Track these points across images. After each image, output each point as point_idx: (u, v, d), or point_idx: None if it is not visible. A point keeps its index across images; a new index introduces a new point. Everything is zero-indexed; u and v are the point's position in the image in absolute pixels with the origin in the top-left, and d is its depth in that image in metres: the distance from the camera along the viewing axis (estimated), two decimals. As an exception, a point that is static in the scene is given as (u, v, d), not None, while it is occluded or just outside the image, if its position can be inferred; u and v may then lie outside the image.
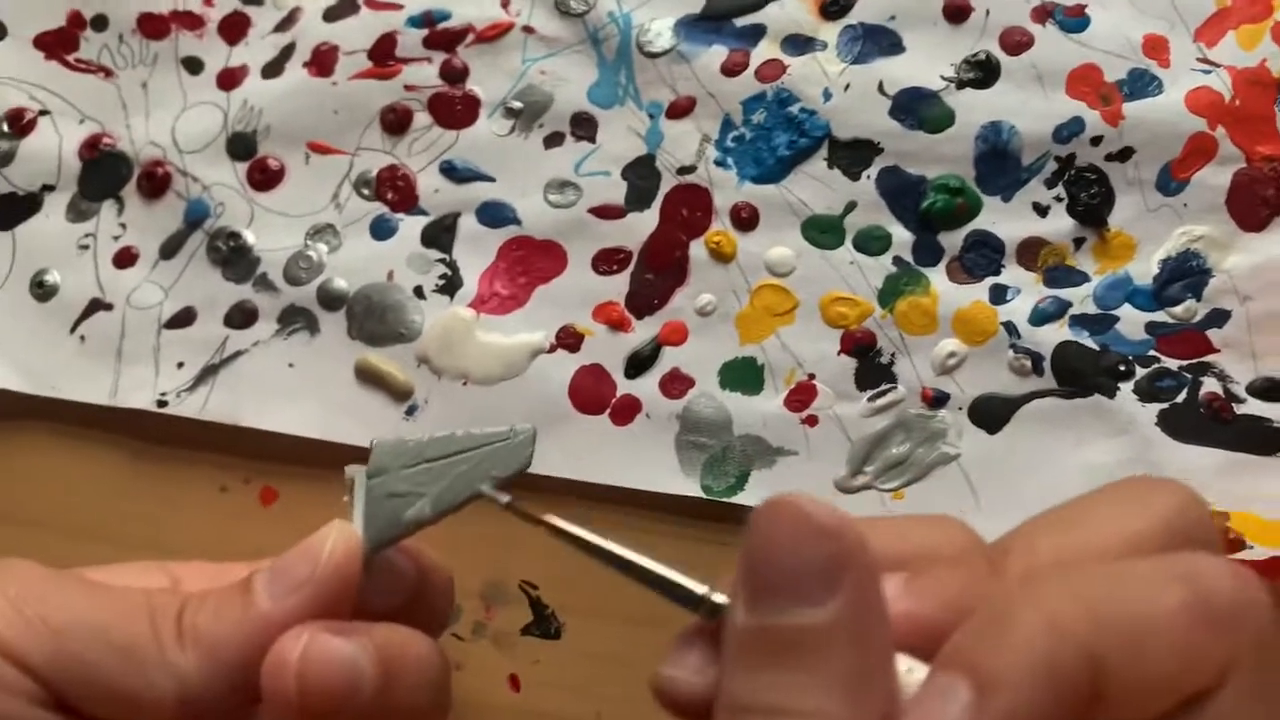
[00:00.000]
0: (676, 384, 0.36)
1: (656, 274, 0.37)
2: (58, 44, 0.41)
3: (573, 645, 0.35)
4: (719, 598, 0.21)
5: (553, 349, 0.37)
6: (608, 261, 0.37)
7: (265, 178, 0.39)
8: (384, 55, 0.39)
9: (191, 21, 0.41)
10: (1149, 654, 0.19)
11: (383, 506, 0.28)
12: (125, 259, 0.39)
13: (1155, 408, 0.34)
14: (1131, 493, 0.22)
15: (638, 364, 0.37)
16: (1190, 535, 0.21)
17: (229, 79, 0.40)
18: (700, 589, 0.22)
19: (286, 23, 0.40)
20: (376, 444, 0.28)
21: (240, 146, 0.39)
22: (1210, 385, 0.34)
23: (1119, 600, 0.19)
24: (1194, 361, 0.35)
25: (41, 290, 0.39)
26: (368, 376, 0.37)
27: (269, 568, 0.28)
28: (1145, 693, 0.19)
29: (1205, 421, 0.34)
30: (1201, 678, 0.19)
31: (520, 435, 0.28)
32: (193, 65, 0.40)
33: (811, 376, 0.36)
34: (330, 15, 0.40)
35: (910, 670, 0.20)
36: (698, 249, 0.37)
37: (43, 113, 0.41)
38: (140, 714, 0.27)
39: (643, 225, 0.37)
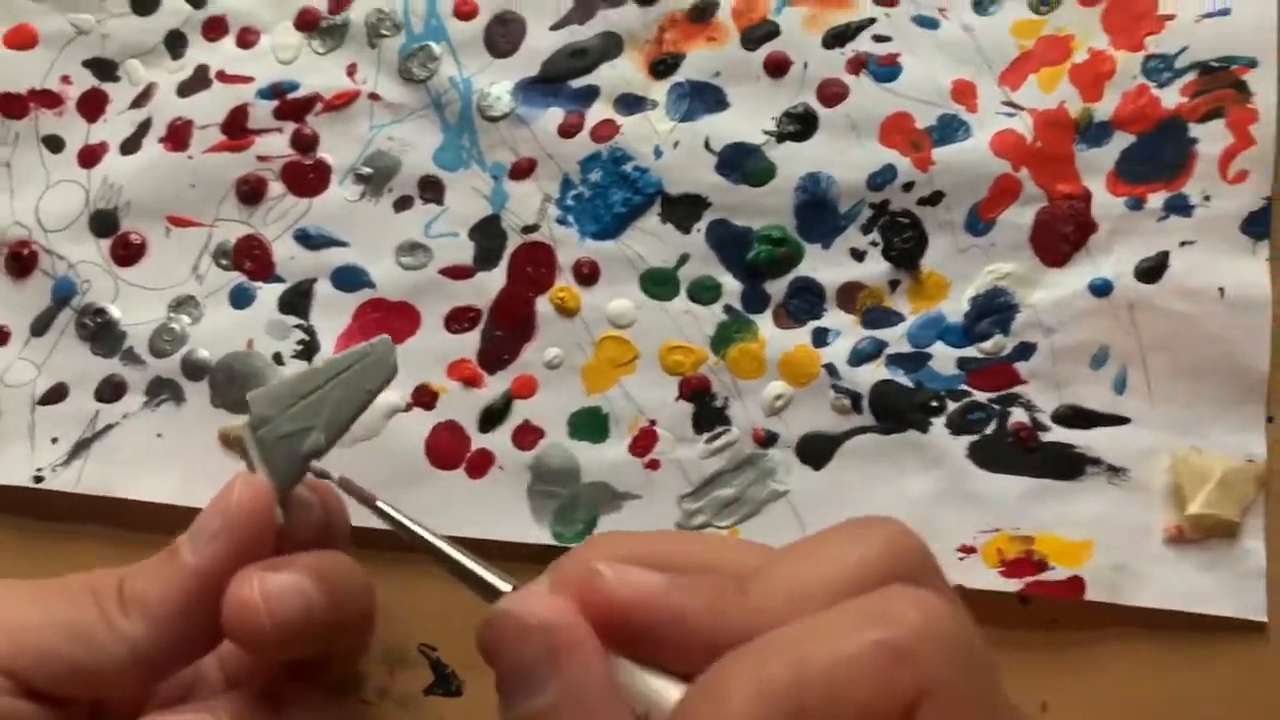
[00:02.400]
0: (528, 435, 0.38)
1: (506, 330, 0.39)
2: (-80, 127, 0.42)
3: (475, 700, 0.37)
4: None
5: (409, 408, 0.39)
6: (459, 320, 0.39)
7: (128, 253, 0.41)
8: (237, 127, 0.41)
9: (50, 100, 0.42)
10: (846, 697, 0.22)
11: (278, 449, 0.30)
12: (-3, 338, 0.41)
13: (966, 440, 0.37)
14: (853, 530, 0.25)
15: (490, 418, 0.39)
16: (899, 565, 0.24)
17: (89, 156, 0.41)
18: (504, 585, 0.26)
19: (142, 98, 0.41)
20: (251, 397, 0.31)
21: (102, 223, 0.41)
22: (1018, 415, 0.37)
23: (819, 653, 0.22)
24: (1002, 393, 0.37)
25: (-83, 373, 0.40)
26: (230, 444, 0.39)
27: (189, 528, 0.30)
28: None
29: (1013, 450, 0.37)
30: (894, 708, 0.22)
31: (379, 348, 0.31)
32: (53, 144, 0.42)
33: (653, 423, 0.38)
34: (183, 90, 0.41)
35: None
36: (544, 304, 0.39)
37: (-91, 196, 0.42)
38: (103, 682, 0.30)
39: (491, 283, 0.39)
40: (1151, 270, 0.37)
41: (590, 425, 0.38)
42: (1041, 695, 0.35)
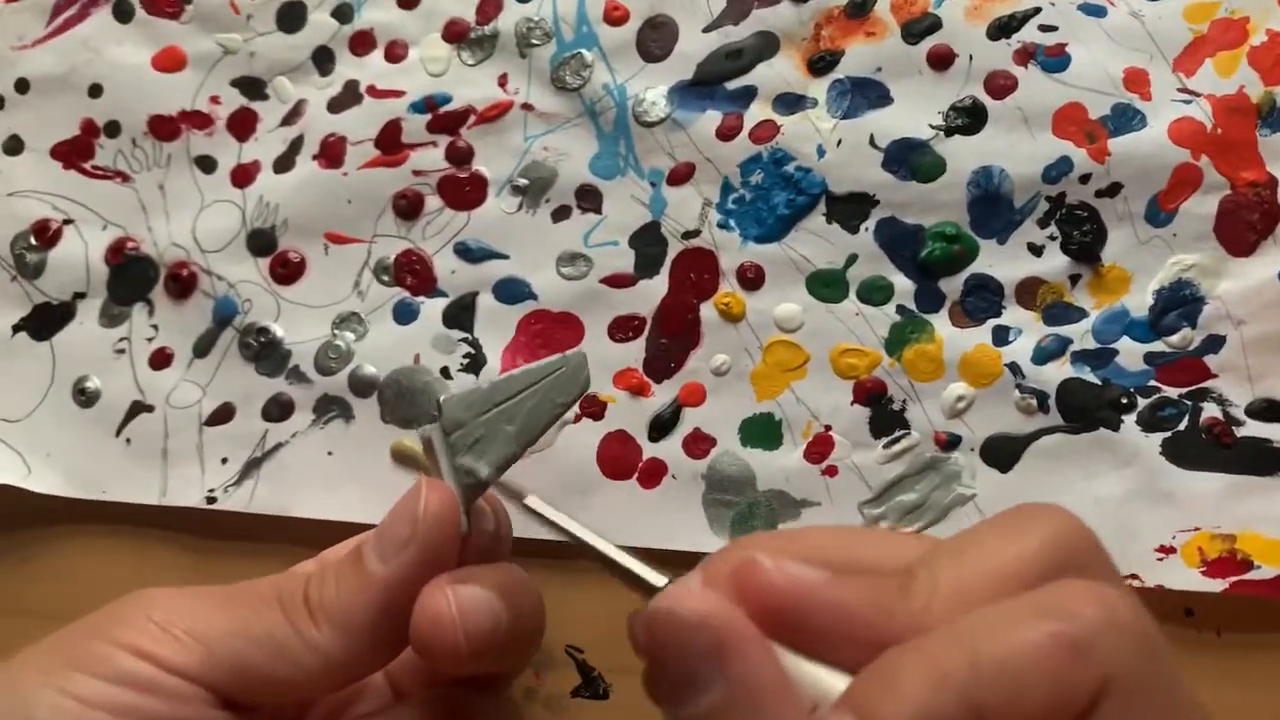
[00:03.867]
0: (699, 444, 0.38)
1: (671, 338, 0.39)
2: (74, 153, 0.42)
3: (621, 704, 0.37)
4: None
5: (578, 419, 0.39)
6: (623, 329, 0.39)
7: (287, 271, 0.41)
8: (390, 142, 0.41)
9: (200, 121, 0.42)
10: (1024, 690, 0.21)
11: (467, 456, 0.30)
12: (161, 360, 0.41)
13: (1159, 437, 0.36)
14: (1016, 522, 0.24)
15: (660, 427, 0.38)
16: (1069, 557, 0.23)
17: (243, 175, 0.41)
18: (659, 581, 0.25)
19: (293, 116, 0.41)
20: (445, 401, 0.30)
21: (260, 242, 0.41)
22: (1210, 410, 0.36)
23: (993, 646, 0.21)
24: (1193, 389, 0.36)
25: (84, 397, 0.41)
26: (403, 459, 0.39)
27: (374, 533, 0.30)
28: None
29: (1207, 447, 0.36)
30: (1077, 702, 0.21)
31: (573, 361, 0.31)
32: (206, 164, 0.42)
33: (828, 428, 0.38)
34: (334, 106, 0.41)
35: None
36: (708, 311, 0.39)
37: (66, 222, 0.42)
38: (292, 691, 0.29)
39: (653, 291, 0.39)
40: (1345, 256, 0.36)
41: (763, 432, 0.38)
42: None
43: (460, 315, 0.40)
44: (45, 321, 0.42)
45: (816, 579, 0.23)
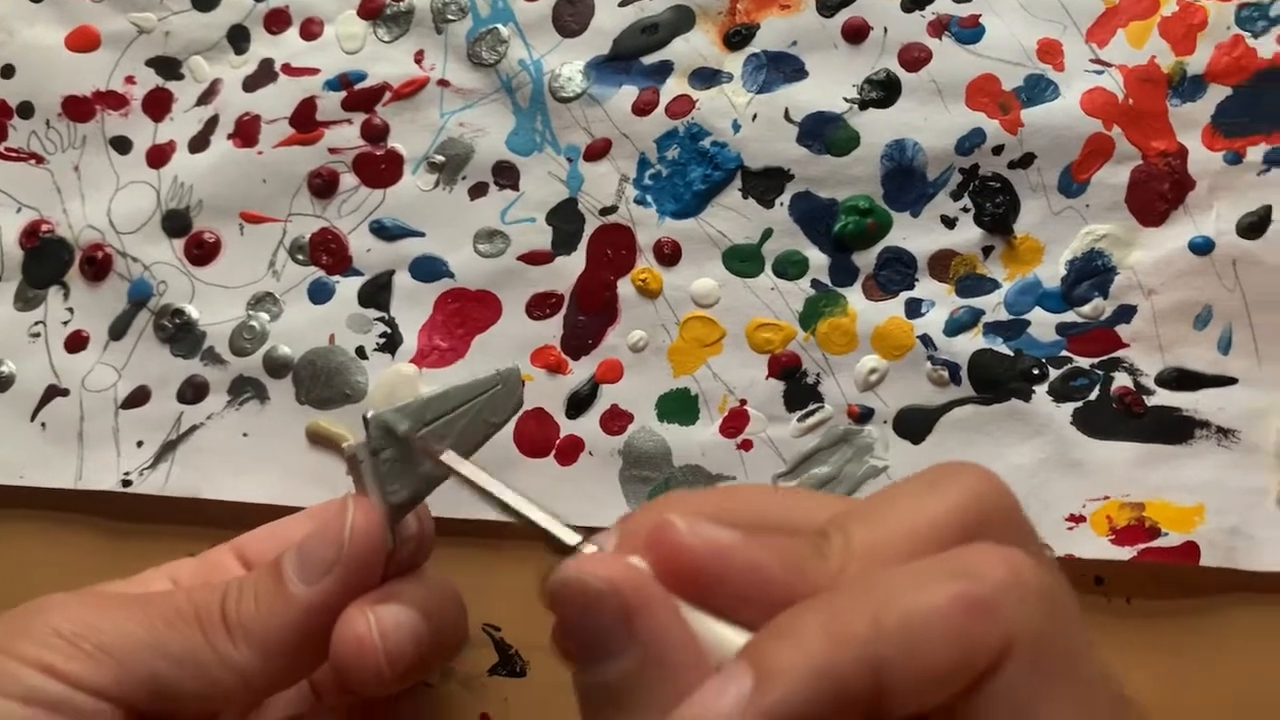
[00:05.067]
0: (616, 420, 0.38)
1: (588, 315, 0.39)
2: (-13, 135, 0.42)
3: (539, 681, 0.37)
4: (589, 548, 0.24)
5: (494, 397, 0.38)
6: (540, 306, 0.39)
7: (202, 252, 0.40)
8: (305, 121, 0.40)
9: (115, 101, 0.41)
10: (925, 649, 0.21)
11: (392, 473, 0.28)
12: (76, 343, 0.40)
13: (1070, 407, 0.36)
14: (933, 481, 0.24)
15: (577, 404, 0.38)
16: (984, 517, 0.23)
17: (158, 156, 0.41)
18: (573, 539, 0.25)
19: (208, 95, 0.41)
20: (372, 418, 0.28)
21: (175, 223, 0.41)
22: (1121, 380, 0.36)
23: (896, 604, 0.21)
24: (1104, 358, 0.36)
25: (-2, 381, 0.40)
26: (319, 440, 0.38)
27: (295, 551, 0.29)
28: (928, 683, 0.21)
29: (1118, 416, 0.36)
30: (980, 661, 0.21)
31: (509, 381, 0.30)
32: (121, 145, 0.41)
33: (743, 402, 0.37)
34: (249, 85, 0.41)
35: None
36: (625, 287, 0.38)
37: (-20, 204, 0.42)
38: (208, 708, 0.29)
39: (571, 268, 0.39)
40: (1254, 225, 0.36)
41: (679, 407, 0.38)
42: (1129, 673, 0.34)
43: (376, 294, 0.39)
44: (-41, 305, 0.41)
45: (730, 539, 0.23)
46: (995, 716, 0.21)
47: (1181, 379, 0.36)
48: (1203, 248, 0.36)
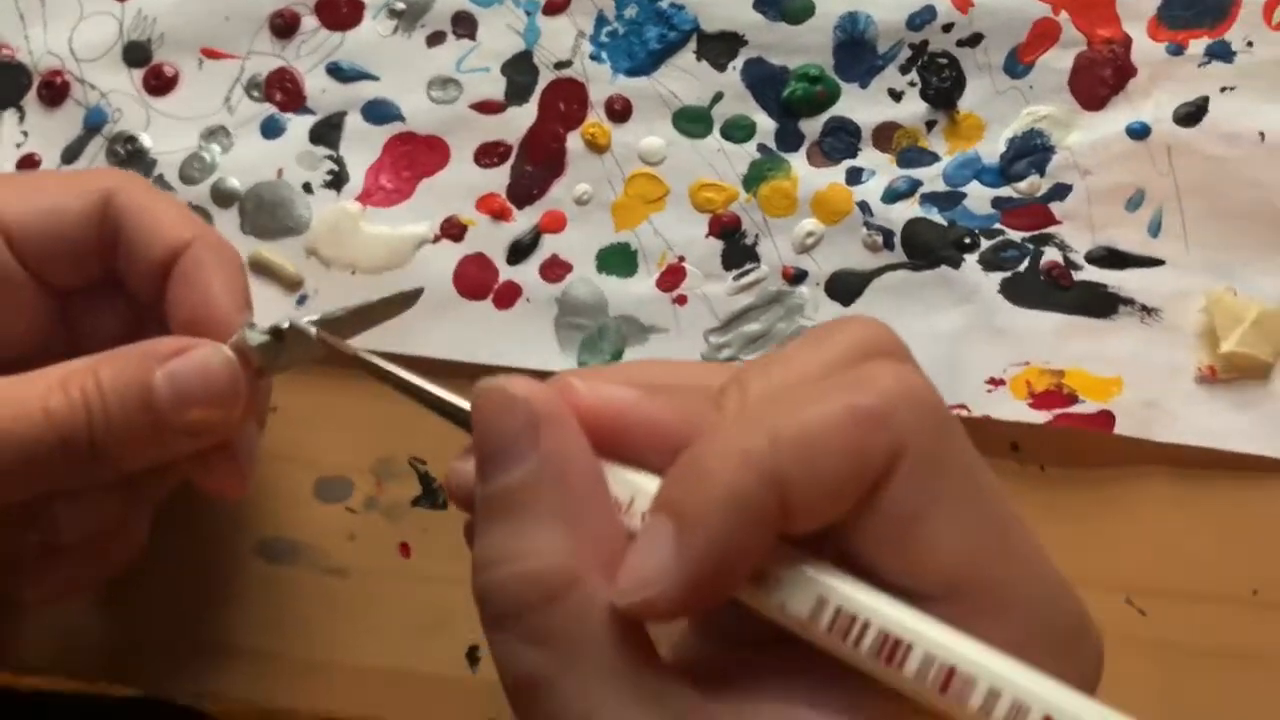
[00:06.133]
0: (555, 269, 0.38)
1: (535, 166, 0.39)
2: (-46, -42, 0.42)
3: (459, 514, 0.37)
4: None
5: (437, 239, 0.39)
6: (489, 155, 0.39)
7: (160, 83, 0.41)
8: (271, -38, 0.41)
9: (85, -67, 0.42)
10: (823, 459, 0.21)
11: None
12: (28, 165, 0.40)
13: (998, 276, 0.36)
14: (823, 334, 0.25)
15: (519, 251, 0.39)
16: (871, 355, 0.24)
17: (123, -12, 0.41)
18: (465, 405, 0.25)
19: (177, -68, 0.41)
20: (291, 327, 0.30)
21: (136, 54, 0.41)
22: (1051, 254, 0.37)
23: (793, 422, 0.22)
24: (1036, 233, 0.37)
25: (-54, 197, 0.40)
26: (260, 269, 0.39)
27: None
28: (828, 495, 0.22)
29: (1045, 288, 0.36)
30: (873, 470, 0.22)
31: (411, 297, 0.33)
32: (87, -24, 0.42)
33: (681, 259, 0.38)
34: (218, -76, 0.41)
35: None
36: (574, 141, 0.39)
37: (-58, 26, 0.42)
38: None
39: (522, 119, 0.39)
40: (1190, 115, 0.37)
41: (618, 260, 0.38)
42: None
43: (327, 133, 0.40)
44: (-87, 122, 0.41)
45: (628, 396, 0.24)
46: (888, 525, 0.22)
47: (1110, 258, 0.36)
48: (1139, 133, 0.37)
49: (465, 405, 0.25)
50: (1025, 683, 0.21)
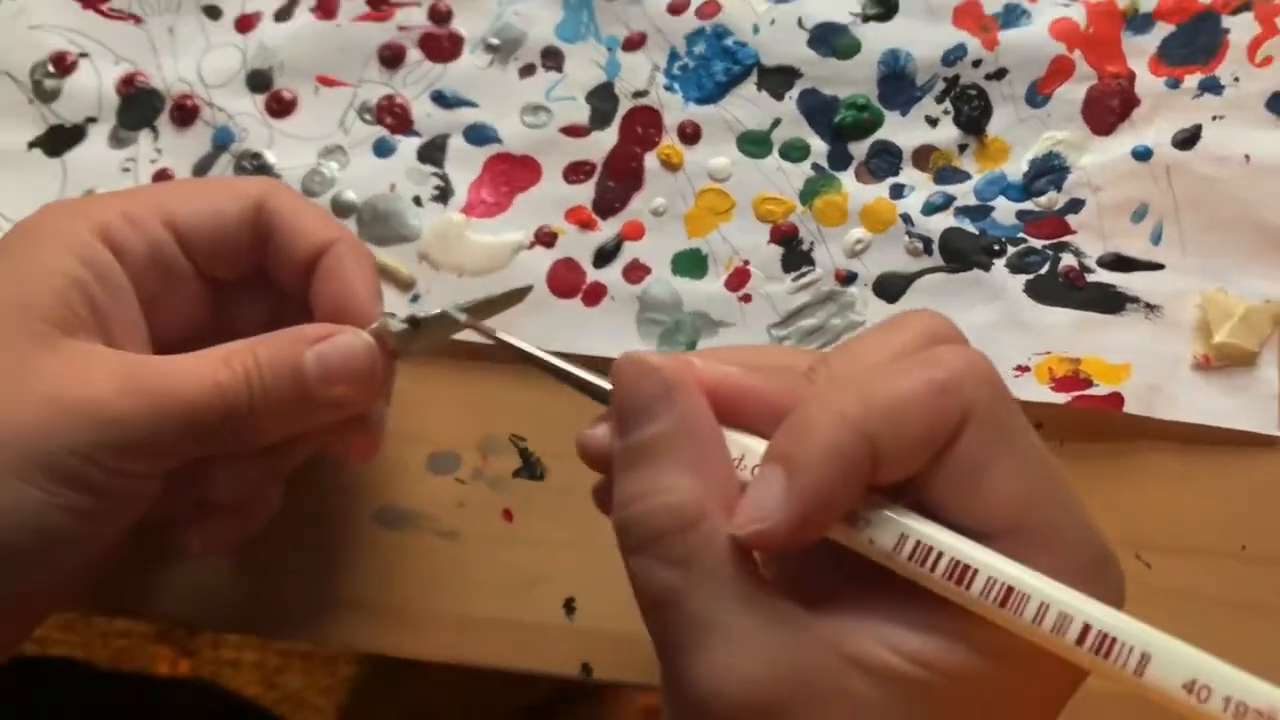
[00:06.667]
0: (636, 272, 0.44)
1: (617, 182, 0.44)
2: (92, -5, 0.47)
3: (554, 484, 0.42)
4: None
5: (532, 246, 0.44)
6: (576, 173, 0.45)
7: (281, 107, 0.46)
8: (379, 1, 0.46)
9: (209, -26, 0.47)
10: (906, 422, 0.27)
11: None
12: (163, 179, 0.46)
13: (1023, 278, 0.42)
14: (896, 323, 0.31)
15: (603, 256, 0.44)
16: (937, 340, 0.30)
17: (245, 23, 0.47)
18: (607, 385, 0.31)
19: (294, -26, 0.47)
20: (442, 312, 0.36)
21: (258, 81, 0.46)
22: (1067, 259, 0.42)
23: (881, 390, 0.27)
24: (1055, 241, 0.43)
25: (91, 207, 0.46)
26: (378, 272, 0.44)
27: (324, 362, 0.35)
28: (910, 451, 0.27)
29: (1063, 288, 0.42)
30: (946, 430, 0.27)
31: (523, 292, 0.38)
32: (212, 12, 0.47)
33: (746, 263, 0.44)
34: (332, -33, 0.46)
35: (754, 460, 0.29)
36: (651, 160, 0.44)
37: (82, 55, 0.47)
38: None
39: (605, 142, 0.45)
40: (1187, 140, 0.42)
41: (691, 264, 0.44)
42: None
43: (433, 153, 0.45)
44: (58, 140, 0.46)
45: (736, 372, 0.30)
46: (956, 476, 0.28)
47: (1118, 262, 0.42)
48: (1143, 155, 0.42)
49: (594, 379, 0.31)
50: (1068, 599, 0.27)
